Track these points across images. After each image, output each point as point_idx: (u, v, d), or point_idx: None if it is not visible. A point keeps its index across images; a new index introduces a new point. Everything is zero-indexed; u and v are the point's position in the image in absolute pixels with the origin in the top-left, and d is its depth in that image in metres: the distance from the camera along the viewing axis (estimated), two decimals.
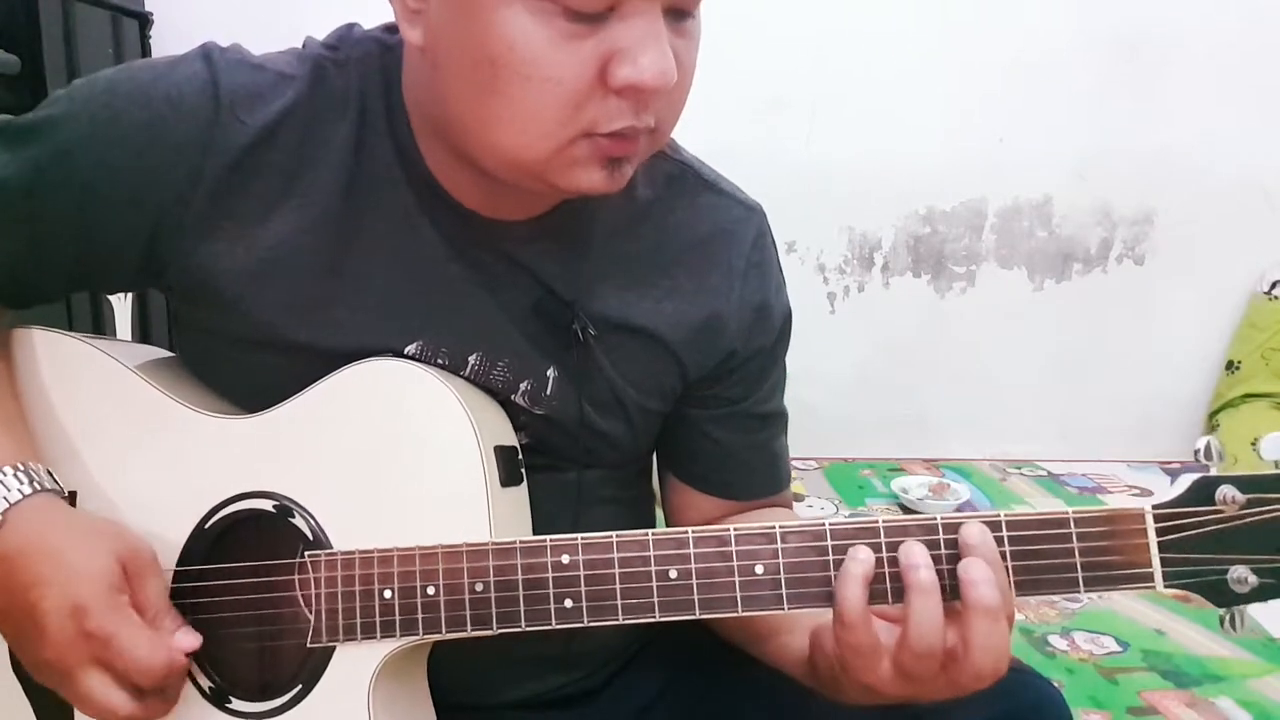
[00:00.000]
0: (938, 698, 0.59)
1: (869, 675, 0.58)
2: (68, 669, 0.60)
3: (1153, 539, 0.58)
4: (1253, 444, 2.21)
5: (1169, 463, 2.64)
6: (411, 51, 0.67)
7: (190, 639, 0.64)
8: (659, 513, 0.90)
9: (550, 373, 0.73)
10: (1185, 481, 0.59)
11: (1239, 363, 2.54)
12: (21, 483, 0.63)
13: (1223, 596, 0.58)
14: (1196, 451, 0.59)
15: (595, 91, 0.58)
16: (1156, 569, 0.58)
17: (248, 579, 0.67)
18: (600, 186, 0.62)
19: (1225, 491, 0.58)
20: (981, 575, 0.56)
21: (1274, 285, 2.51)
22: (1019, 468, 2.65)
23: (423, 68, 0.64)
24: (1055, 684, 0.74)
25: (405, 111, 0.69)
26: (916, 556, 0.58)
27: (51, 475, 0.66)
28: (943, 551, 0.59)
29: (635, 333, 0.74)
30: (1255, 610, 0.59)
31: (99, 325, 1.95)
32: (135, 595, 0.63)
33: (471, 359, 0.71)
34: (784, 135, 2.51)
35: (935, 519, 0.59)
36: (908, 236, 2.63)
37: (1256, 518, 0.57)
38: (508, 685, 0.79)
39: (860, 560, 0.58)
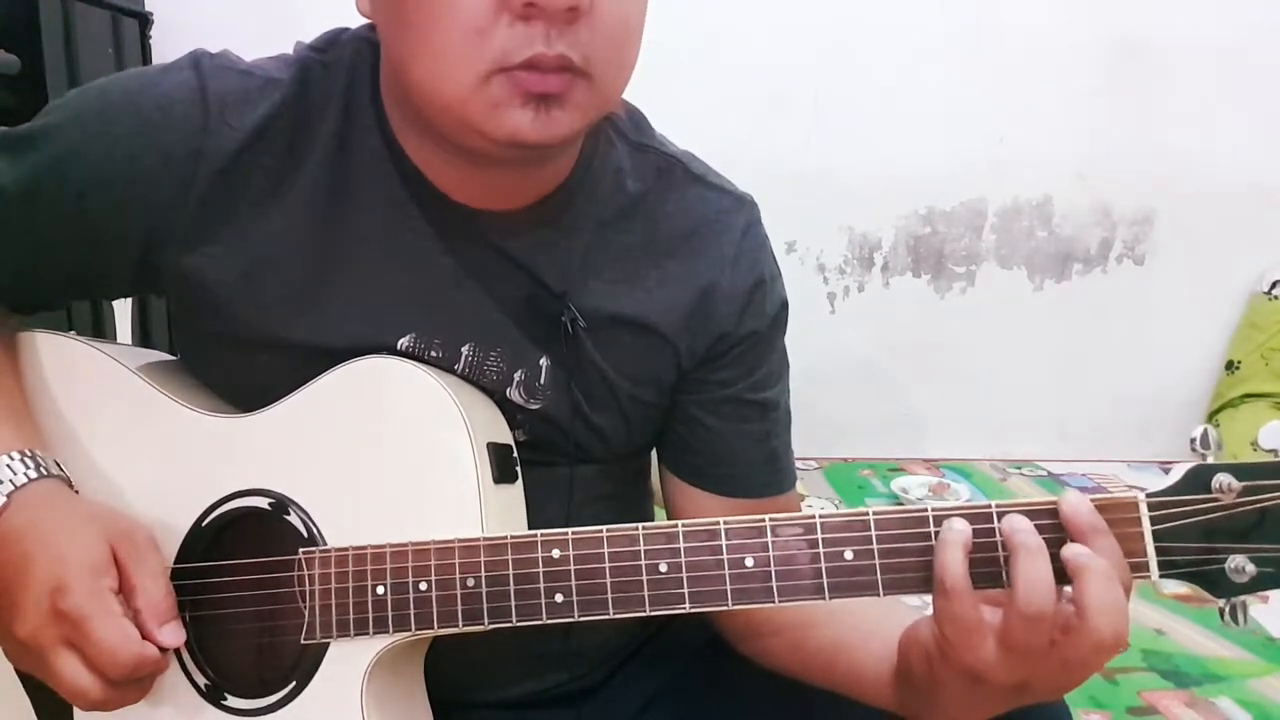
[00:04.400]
0: (1049, 685, 0.56)
1: (972, 654, 0.55)
2: (40, 648, 0.60)
3: (1147, 528, 0.57)
4: (1253, 443, 2.20)
5: (1169, 463, 2.62)
6: (380, 37, 0.67)
7: (173, 635, 0.63)
8: (659, 513, 0.90)
9: (543, 362, 0.73)
10: (1180, 470, 0.57)
11: (1239, 363, 2.54)
12: (28, 468, 0.64)
13: (1221, 587, 0.56)
14: (1193, 440, 0.57)
15: (500, 18, 0.57)
16: (1151, 558, 0.56)
17: (243, 576, 0.67)
18: (527, 131, 0.60)
19: (1222, 480, 0.56)
20: (1101, 537, 0.55)
21: (1274, 285, 2.51)
22: (1019, 468, 2.65)
23: (382, 44, 0.66)
24: None
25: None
26: (1019, 521, 0.56)
27: (59, 464, 0.67)
28: (934, 543, 0.58)
29: (627, 324, 0.74)
30: (1256, 611, 0.58)
31: (99, 328, 1.95)
32: (127, 579, 0.62)
33: (465, 350, 0.71)
34: (784, 135, 2.52)
35: (926, 510, 0.58)
36: (908, 236, 2.63)
37: (1254, 506, 0.56)
38: (506, 682, 0.79)
39: (958, 530, 0.56)
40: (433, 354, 0.71)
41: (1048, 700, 0.58)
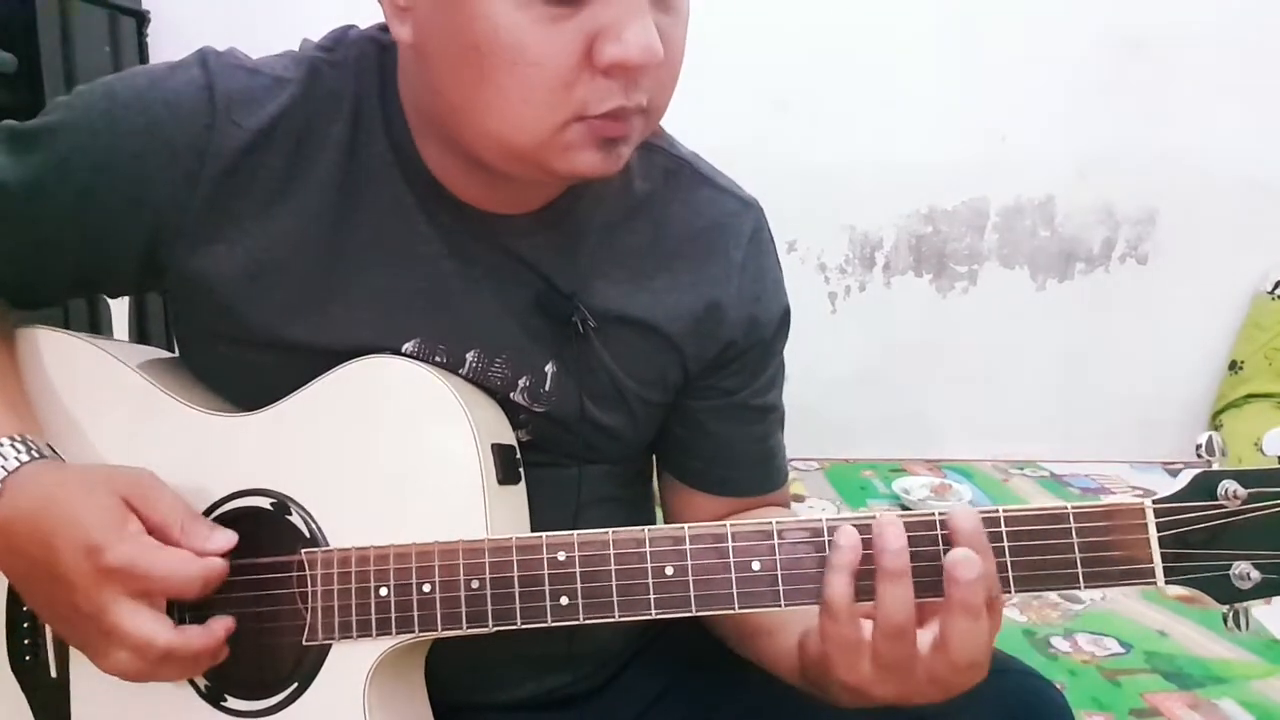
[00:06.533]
0: (925, 696, 0.58)
1: (852, 674, 0.58)
2: (100, 609, 0.60)
3: (1153, 534, 0.58)
4: (1256, 444, 2.20)
5: (1172, 463, 2.64)
6: (404, 48, 0.67)
7: (224, 539, 0.64)
8: (659, 514, 0.90)
9: (549, 368, 0.73)
10: (1186, 476, 0.58)
11: (1242, 363, 2.54)
12: (20, 451, 0.64)
13: (1225, 593, 0.58)
14: (1198, 446, 0.58)
15: (583, 73, 0.58)
16: (1157, 565, 0.57)
17: (245, 576, 0.67)
18: (597, 169, 0.62)
19: (1227, 486, 0.57)
20: (966, 574, 0.55)
21: (1277, 285, 2.50)
22: (1021, 468, 2.65)
23: (416, 63, 0.65)
24: (1057, 685, 0.74)
25: (401, 109, 0.69)
26: (889, 540, 0.56)
27: (51, 448, 0.66)
28: (940, 547, 0.58)
29: (634, 325, 0.74)
30: (1259, 612, 0.58)
31: (95, 325, 1.95)
32: (148, 519, 0.62)
33: (469, 356, 0.71)
34: (786, 135, 2.51)
35: (933, 514, 0.58)
36: (909, 236, 2.63)
37: (1259, 513, 0.57)
38: (508, 684, 0.79)
39: (845, 548, 0.57)
40: (437, 359, 0.70)
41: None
